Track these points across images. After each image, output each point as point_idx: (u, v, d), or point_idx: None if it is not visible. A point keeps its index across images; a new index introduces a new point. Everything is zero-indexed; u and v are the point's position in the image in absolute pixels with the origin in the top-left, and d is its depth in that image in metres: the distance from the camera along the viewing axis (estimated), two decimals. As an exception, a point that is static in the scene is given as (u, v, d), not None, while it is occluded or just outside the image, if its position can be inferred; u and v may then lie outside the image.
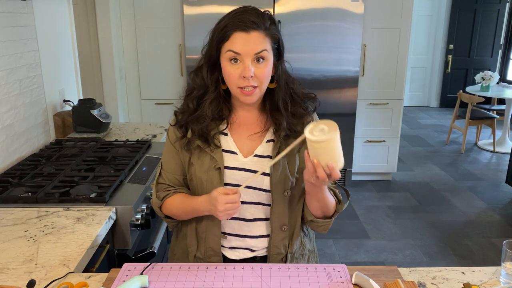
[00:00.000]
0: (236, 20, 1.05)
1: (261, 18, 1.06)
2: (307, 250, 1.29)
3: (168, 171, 1.24)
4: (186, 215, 1.21)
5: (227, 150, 1.16)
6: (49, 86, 2.27)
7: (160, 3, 3.60)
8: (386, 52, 3.79)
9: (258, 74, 1.06)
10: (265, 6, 3.47)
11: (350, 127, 3.88)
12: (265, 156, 1.16)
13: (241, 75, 1.05)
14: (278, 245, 1.20)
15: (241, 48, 1.04)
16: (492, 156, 4.98)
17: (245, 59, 1.05)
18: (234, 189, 1.05)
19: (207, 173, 1.14)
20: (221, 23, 1.08)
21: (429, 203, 3.74)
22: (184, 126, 1.17)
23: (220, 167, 1.13)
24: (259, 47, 1.05)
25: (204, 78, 1.13)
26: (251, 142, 1.17)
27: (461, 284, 1.07)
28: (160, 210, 1.25)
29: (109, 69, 3.54)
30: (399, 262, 2.84)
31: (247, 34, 1.04)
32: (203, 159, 1.15)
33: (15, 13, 1.94)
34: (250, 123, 1.18)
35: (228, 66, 1.07)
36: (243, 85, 1.06)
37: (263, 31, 1.06)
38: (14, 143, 1.93)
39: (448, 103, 7.26)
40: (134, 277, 1.04)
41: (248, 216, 1.19)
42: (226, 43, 1.06)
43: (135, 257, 1.60)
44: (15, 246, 1.23)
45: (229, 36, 1.05)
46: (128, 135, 2.44)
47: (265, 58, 1.07)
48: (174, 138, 1.20)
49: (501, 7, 6.79)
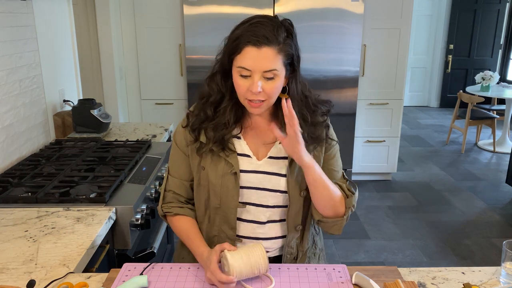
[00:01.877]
0: (249, 34, 1.02)
1: (276, 32, 1.02)
2: (318, 249, 1.29)
3: (175, 176, 1.22)
4: (184, 243, 1.21)
5: (241, 154, 1.15)
6: (49, 86, 2.27)
7: (160, 3, 3.60)
8: (386, 52, 3.79)
9: (266, 90, 1.05)
10: (265, 6, 3.48)
11: (350, 127, 3.88)
12: (279, 157, 1.15)
13: (249, 89, 1.04)
14: (292, 244, 1.21)
15: (251, 64, 1.02)
16: (492, 156, 4.98)
17: (254, 75, 1.03)
18: (230, 278, 1.01)
19: (222, 178, 1.13)
20: (235, 33, 1.05)
21: (429, 203, 3.74)
22: (197, 129, 1.15)
23: (236, 171, 1.12)
24: (269, 66, 1.02)
25: (219, 85, 1.11)
26: (264, 146, 1.17)
27: (461, 284, 1.07)
28: (164, 218, 1.26)
29: (109, 69, 3.54)
30: (399, 262, 2.83)
31: (258, 49, 1.01)
32: (217, 163, 1.13)
33: (15, 13, 1.94)
34: (263, 126, 1.17)
35: (238, 79, 1.06)
36: (251, 98, 1.06)
37: (275, 47, 1.02)
38: (14, 143, 1.93)
39: (448, 103, 7.26)
40: (134, 277, 1.04)
41: (262, 219, 1.18)
42: (238, 57, 1.04)
43: (135, 257, 1.60)
44: (15, 246, 1.23)
45: (241, 50, 1.03)
46: (128, 135, 2.44)
47: (275, 76, 1.04)
48: (184, 142, 1.18)
49: (501, 7, 6.79)
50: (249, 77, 1.04)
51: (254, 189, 1.15)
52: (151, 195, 1.77)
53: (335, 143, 1.22)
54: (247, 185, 1.14)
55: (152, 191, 1.77)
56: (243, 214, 1.17)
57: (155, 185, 1.82)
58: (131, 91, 3.86)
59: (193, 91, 3.68)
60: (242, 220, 1.18)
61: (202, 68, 3.60)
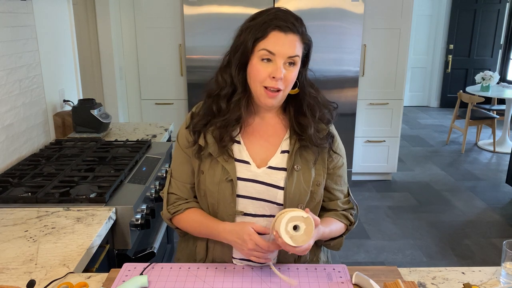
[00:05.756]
0: (276, 18, 1.02)
1: (299, 22, 1.05)
2: (322, 261, 1.26)
3: (178, 179, 1.20)
4: (200, 234, 1.17)
5: (239, 160, 1.12)
6: (49, 86, 2.27)
7: (160, 3, 3.60)
8: (386, 52, 3.79)
9: (287, 77, 1.05)
10: (265, 6, 3.47)
11: (350, 127, 3.88)
12: (279, 168, 1.11)
13: (271, 75, 1.03)
14: (287, 256, 1.17)
15: (277, 48, 1.02)
16: (492, 156, 4.98)
17: (278, 60, 1.03)
18: (267, 229, 1.03)
19: (219, 185, 1.10)
20: (258, 20, 1.04)
21: (429, 203, 3.74)
22: (197, 132, 1.13)
23: (232, 179, 1.09)
24: (294, 51, 1.03)
25: (232, 76, 1.08)
26: (265, 152, 1.13)
27: (461, 284, 1.07)
28: (171, 223, 1.22)
29: (109, 69, 3.54)
30: (399, 262, 2.83)
31: (285, 35, 1.02)
32: (215, 169, 1.11)
33: (15, 13, 1.94)
34: (264, 130, 1.15)
35: (258, 64, 1.04)
36: (270, 85, 1.04)
37: (299, 35, 1.04)
38: (14, 143, 1.93)
39: (448, 103, 7.26)
40: (134, 277, 1.04)
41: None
42: (262, 41, 1.03)
43: (135, 257, 1.60)
44: (15, 246, 1.23)
45: (268, 34, 1.02)
46: (128, 135, 2.44)
47: (296, 63, 1.06)
48: (185, 143, 1.16)
49: (501, 7, 6.79)
50: (270, 62, 1.04)
51: (250, 199, 1.12)
52: (151, 195, 1.77)
53: (339, 158, 1.19)
54: (244, 194, 1.11)
55: (152, 191, 1.77)
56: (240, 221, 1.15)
57: (155, 185, 1.82)
58: (131, 91, 3.86)
59: (193, 91, 3.69)
60: None
61: (202, 68, 3.60)
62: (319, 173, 1.14)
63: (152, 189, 1.78)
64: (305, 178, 1.11)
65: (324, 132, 1.14)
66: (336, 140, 1.18)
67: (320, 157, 1.14)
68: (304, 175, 1.11)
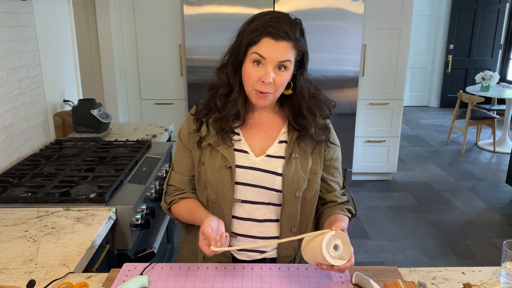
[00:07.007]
0: (269, 26, 1.05)
1: (293, 29, 1.07)
2: None
3: (178, 171, 1.25)
4: (189, 222, 1.22)
5: (238, 149, 1.17)
6: (49, 86, 2.27)
7: (160, 3, 3.60)
8: (386, 52, 3.78)
9: (276, 81, 1.08)
10: (265, 6, 3.48)
11: (350, 127, 3.88)
12: (277, 156, 1.16)
13: (260, 78, 1.07)
14: (287, 247, 1.20)
15: (267, 53, 1.05)
16: (492, 156, 4.98)
17: (268, 65, 1.06)
18: (222, 234, 1.01)
19: (218, 172, 1.14)
20: (252, 25, 1.08)
21: (429, 203, 3.74)
22: (200, 120, 1.18)
23: (231, 166, 1.14)
24: (284, 57, 1.06)
25: (228, 76, 1.13)
26: (263, 142, 1.18)
27: (461, 284, 1.07)
28: (170, 212, 1.27)
29: (109, 69, 3.54)
30: (399, 262, 2.83)
31: (276, 42, 1.05)
32: (215, 158, 1.15)
33: (15, 13, 1.94)
34: (262, 123, 1.20)
35: (250, 67, 1.08)
36: (260, 88, 1.08)
37: (292, 42, 1.07)
38: (14, 143, 1.93)
39: (448, 103, 7.26)
40: (134, 277, 1.04)
41: (259, 217, 1.18)
42: (254, 46, 1.06)
43: (135, 257, 1.60)
44: (15, 246, 1.23)
45: (260, 40, 1.05)
46: (128, 135, 2.44)
47: (287, 67, 1.08)
48: (187, 130, 1.21)
49: (501, 7, 6.79)
50: (261, 66, 1.07)
51: (249, 186, 1.16)
52: (151, 195, 1.77)
53: (336, 148, 1.23)
54: (243, 181, 1.15)
55: (152, 191, 1.78)
56: (239, 212, 1.18)
57: (155, 185, 1.82)
58: (131, 91, 3.86)
59: (193, 91, 3.69)
60: (238, 218, 1.18)
61: (202, 68, 3.61)
62: (316, 162, 1.18)
63: (152, 189, 1.78)
64: (302, 166, 1.16)
65: (322, 125, 1.19)
66: (331, 132, 1.23)
67: (317, 148, 1.19)
68: (301, 163, 1.16)
